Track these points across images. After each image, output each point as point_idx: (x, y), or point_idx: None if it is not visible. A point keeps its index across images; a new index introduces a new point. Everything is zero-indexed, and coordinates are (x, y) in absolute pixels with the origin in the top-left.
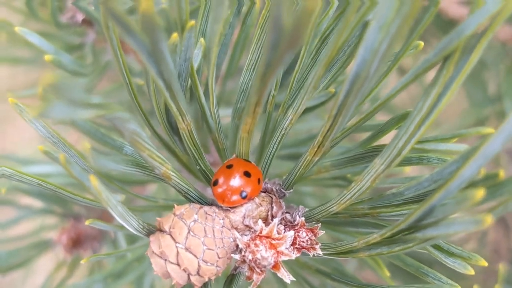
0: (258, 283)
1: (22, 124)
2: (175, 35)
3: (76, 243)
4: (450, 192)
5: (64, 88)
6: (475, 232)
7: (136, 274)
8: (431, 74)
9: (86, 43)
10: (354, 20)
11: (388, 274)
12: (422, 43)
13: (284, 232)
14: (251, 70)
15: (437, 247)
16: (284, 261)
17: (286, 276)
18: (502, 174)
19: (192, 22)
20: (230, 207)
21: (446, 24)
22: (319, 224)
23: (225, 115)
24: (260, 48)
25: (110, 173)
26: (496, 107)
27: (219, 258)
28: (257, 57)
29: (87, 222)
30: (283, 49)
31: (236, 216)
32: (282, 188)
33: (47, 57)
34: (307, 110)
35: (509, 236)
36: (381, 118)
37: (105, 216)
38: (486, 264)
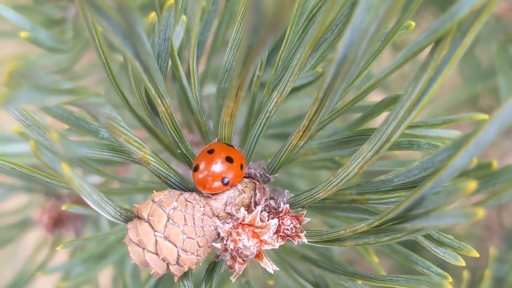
0: (241, 273)
1: None
2: (153, 15)
3: (58, 222)
4: (441, 182)
5: (32, 73)
6: None
7: (118, 256)
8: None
9: (68, 18)
10: None
11: (376, 260)
12: (413, 23)
13: (267, 220)
14: (235, 50)
15: (427, 236)
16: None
17: (269, 266)
18: (495, 164)
19: (171, 0)
20: (211, 194)
21: None
22: (304, 212)
23: (211, 92)
24: (243, 28)
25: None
26: (489, 83)
27: (199, 247)
28: (240, 37)
29: (64, 207)
30: (265, 32)
31: (218, 203)
32: (267, 173)
33: (23, 34)
34: (295, 89)
35: (500, 213)
36: (375, 97)
37: None
38: (477, 255)
